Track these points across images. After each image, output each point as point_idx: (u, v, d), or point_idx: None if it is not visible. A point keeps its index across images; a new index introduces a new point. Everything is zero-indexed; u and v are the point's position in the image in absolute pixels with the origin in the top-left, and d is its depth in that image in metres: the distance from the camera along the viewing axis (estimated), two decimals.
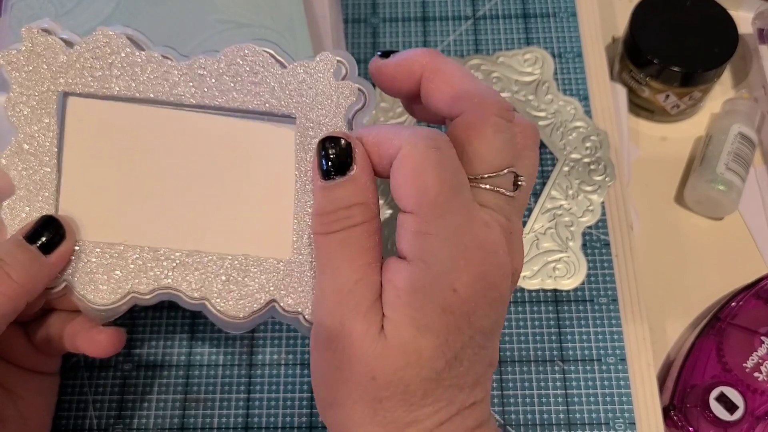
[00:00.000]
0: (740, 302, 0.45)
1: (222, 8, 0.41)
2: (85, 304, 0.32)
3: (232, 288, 0.32)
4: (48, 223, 0.31)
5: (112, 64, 0.32)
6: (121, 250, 0.32)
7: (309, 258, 0.32)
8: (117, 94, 0.32)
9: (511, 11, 0.52)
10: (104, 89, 0.32)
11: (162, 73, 0.32)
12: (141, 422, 0.41)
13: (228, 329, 0.32)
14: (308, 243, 0.32)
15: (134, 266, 0.32)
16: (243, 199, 0.32)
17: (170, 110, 0.33)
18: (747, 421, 0.41)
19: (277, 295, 0.32)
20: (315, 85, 0.32)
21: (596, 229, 0.45)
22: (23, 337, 0.35)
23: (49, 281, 0.32)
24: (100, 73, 0.32)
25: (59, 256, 0.31)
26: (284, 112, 0.32)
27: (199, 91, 0.32)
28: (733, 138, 0.49)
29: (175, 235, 0.32)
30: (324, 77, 0.32)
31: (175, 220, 0.33)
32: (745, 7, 0.55)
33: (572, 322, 0.42)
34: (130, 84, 0.32)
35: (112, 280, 0.32)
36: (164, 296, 0.32)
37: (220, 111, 0.32)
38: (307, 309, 0.31)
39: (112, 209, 0.33)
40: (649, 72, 0.49)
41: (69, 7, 0.41)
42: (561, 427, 0.40)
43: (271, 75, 0.32)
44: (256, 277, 0.32)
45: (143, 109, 0.33)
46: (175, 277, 0.32)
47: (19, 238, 0.31)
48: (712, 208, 0.49)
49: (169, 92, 0.32)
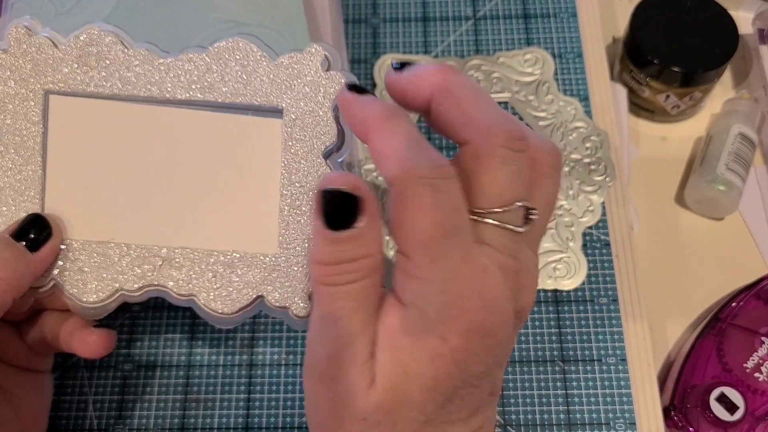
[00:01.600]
0: (740, 302, 0.45)
1: (222, 8, 0.41)
2: (74, 302, 0.32)
3: (219, 284, 0.32)
4: (35, 221, 0.31)
5: (98, 62, 0.32)
6: (109, 248, 0.32)
7: (295, 252, 0.32)
8: (102, 92, 0.32)
9: (512, 12, 0.52)
10: (90, 87, 0.32)
11: (148, 70, 0.32)
12: (141, 422, 0.41)
13: (218, 324, 0.32)
14: (294, 237, 0.32)
15: (122, 264, 0.32)
16: (230, 194, 0.32)
17: (156, 107, 0.32)
18: (747, 421, 0.41)
19: (264, 290, 0.32)
20: (303, 76, 0.32)
21: (596, 230, 0.45)
22: (16, 336, 0.35)
23: (36, 278, 0.32)
24: (85, 71, 0.32)
25: (46, 253, 0.31)
26: (272, 105, 0.32)
27: (185, 86, 0.32)
28: (734, 138, 0.49)
29: (162, 232, 0.32)
30: (312, 68, 0.32)
31: (162, 216, 0.32)
32: (746, 8, 0.55)
33: (573, 323, 0.42)
34: (116, 82, 0.32)
35: (100, 278, 0.32)
36: (153, 293, 0.32)
37: (207, 106, 0.32)
38: (294, 304, 0.31)
39: (98, 207, 0.32)
40: (650, 72, 0.49)
41: (68, 6, 0.41)
42: (561, 427, 0.40)
43: (259, 68, 0.32)
44: (243, 273, 0.32)
45: (129, 106, 0.32)
46: (163, 274, 0.32)
47: (5, 236, 0.31)
48: (712, 208, 0.49)
49: (155, 89, 0.32)
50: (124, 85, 0.32)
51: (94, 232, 0.32)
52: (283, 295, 0.31)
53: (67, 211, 0.32)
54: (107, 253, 0.32)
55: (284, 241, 0.32)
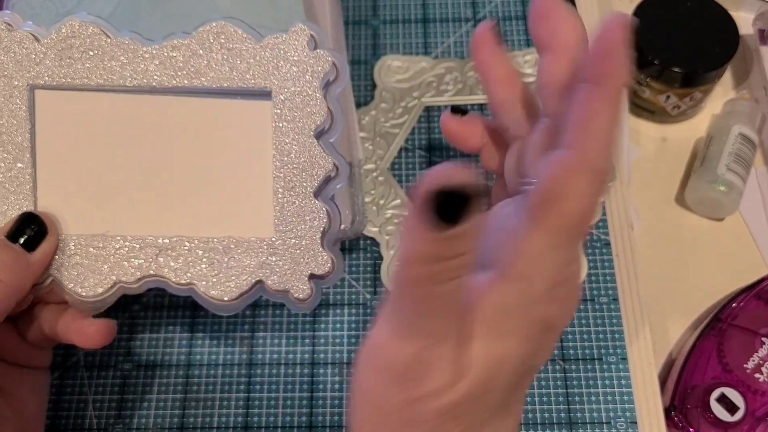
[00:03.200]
0: (741, 303, 0.44)
1: (222, 8, 0.41)
2: (74, 297, 0.32)
3: (217, 271, 0.32)
4: (29, 220, 0.31)
5: (81, 53, 0.32)
6: (104, 241, 0.32)
7: (291, 234, 0.31)
8: (88, 84, 0.32)
9: (511, 13, 0.52)
10: (75, 80, 0.32)
11: (132, 59, 0.32)
12: (141, 422, 0.41)
13: (219, 312, 0.32)
14: (290, 219, 0.31)
15: (118, 256, 0.32)
16: (223, 179, 0.32)
17: (143, 96, 0.32)
18: (747, 422, 0.41)
19: (262, 275, 0.31)
20: (290, 56, 0.32)
21: (597, 229, 0.45)
22: (13, 332, 0.35)
23: (36, 278, 0.31)
24: (70, 64, 0.32)
25: (43, 253, 0.31)
26: (260, 88, 0.32)
27: (172, 74, 0.32)
28: (734, 139, 0.49)
29: (158, 222, 0.32)
30: (299, 48, 0.32)
31: (156, 206, 0.32)
32: (746, 8, 0.55)
33: (573, 321, 0.42)
34: (101, 72, 0.32)
35: (98, 272, 0.32)
36: (152, 284, 0.32)
37: (195, 92, 0.32)
38: (294, 287, 0.31)
39: (91, 200, 0.32)
40: (650, 73, 0.49)
41: (69, 6, 0.41)
42: (563, 426, 0.40)
43: (245, 50, 0.32)
44: (240, 259, 0.32)
45: (116, 96, 0.32)
46: (160, 264, 0.32)
47: (1, 238, 0.31)
48: (712, 208, 0.49)
49: (141, 78, 0.32)
50: (109, 76, 0.32)
51: (89, 226, 0.32)
52: (282, 279, 0.31)
53: (60, 206, 0.32)
54: (104, 246, 0.32)
55: (280, 224, 0.31)
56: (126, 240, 0.32)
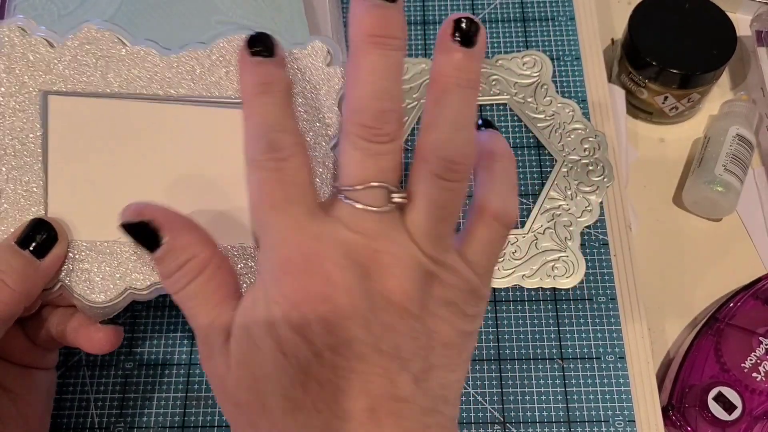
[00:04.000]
0: (738, 303, 0.45)
1: (223, 10, 0.41)
2: (83, 303, 0.32)
3: None
4: (38, 226, 0.31)
5: (96, 60, 0.32)
6: (114, 247, 0.32)
7: None
8: (102, 91, 0.32)
9: (510, 15, 0.52)
10: (89, 87, 0.32)
11: (148, 68, 0.32)
12: (142, 421, 0.41)
13: None
14: None
15: (129, 262, 0.32)
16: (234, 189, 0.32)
17: (157, 104, 0.32)
18: (745, 421, 0.41)
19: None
20: (307, 72, 0.32)
21: (595, 229, 0.45)
22: (20, 334, 0.35)
23: (45, 284, 0.31)
24: (84, 70, 0.32)
25: (53, 259, 0.31)
26: None
27: (188, 83, 0.32)
28: (732, 139, 0.49)
29: None
30: (316, 64, 0.32)
31: None
32: (744, 10, 0.56)
33: (571, 321, 0.43)
34: (116, 80, 0.32)
35: (108, 278, 0.32)
36: (162, 290, 0.32)
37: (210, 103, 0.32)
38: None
39: (101, 206, 0.32)
40: (648, 74, 0.50)
41: (71, 8, 0.41)
42: (561, 424, 0.40)
43: None
44: (251, 266, 0.32)
45: (130, 104, 0.32)
46: None
47: (11, 244, 0.31)
48: (710, 209, 0.49)
49: (156, 87, 0.32)
50: (124, 83, 0.32)
51: (99, 232, 0.32)
52: None
53: (71, 212, 0.32)
54: (114, 252, 0.32)
55: None
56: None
